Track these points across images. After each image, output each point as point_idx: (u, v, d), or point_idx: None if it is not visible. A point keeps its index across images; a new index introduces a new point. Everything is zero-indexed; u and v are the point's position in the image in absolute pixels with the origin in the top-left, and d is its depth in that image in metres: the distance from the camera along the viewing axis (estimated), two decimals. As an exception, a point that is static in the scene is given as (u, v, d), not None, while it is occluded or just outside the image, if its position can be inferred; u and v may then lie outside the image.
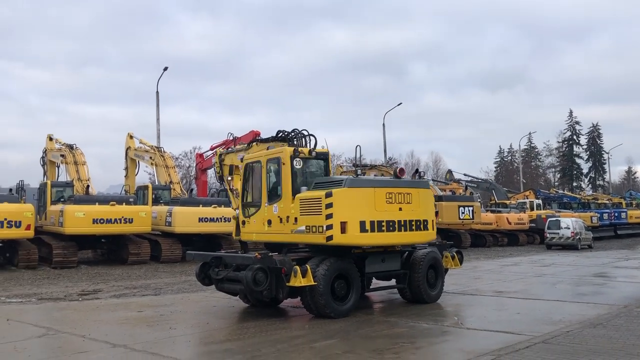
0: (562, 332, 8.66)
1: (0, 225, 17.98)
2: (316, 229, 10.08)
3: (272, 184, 11.18)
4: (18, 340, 8.35)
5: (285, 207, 10.66)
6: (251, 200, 11.68)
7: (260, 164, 11.37)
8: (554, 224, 32.69)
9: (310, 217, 10.21)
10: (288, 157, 10.73)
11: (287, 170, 10.69)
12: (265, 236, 11.36)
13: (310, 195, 10.37)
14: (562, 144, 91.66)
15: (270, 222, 10.93)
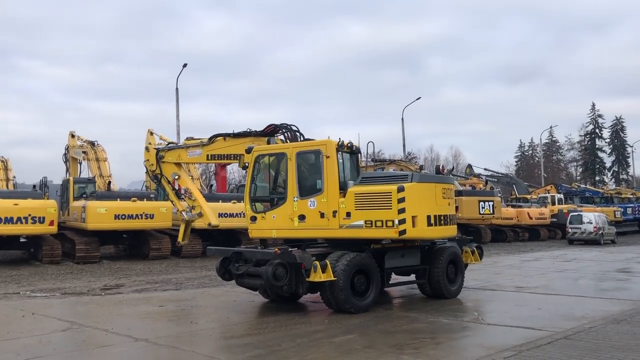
0: (585, 328, 8.57)
1: (24, 221, 18.30)
2: (383, 224, 10.08)
3: (307, 177, 10.88)
4: (43, 333, 8.51)
5: (331, 202, 10.41)
6: (266, 194, 11.25)
7: (286, 156, 10.84)
8: (576, 218, 32.29)
9: (373, 212, 10.17)
10: (334, 149, 10.50)
11: (333, 163, 10.46)
12: (295, 232, 10.81)
13: (375, 189, 10.37)
14: (584, 137, 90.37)
15: (304, 218, 10.55)
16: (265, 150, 11.35)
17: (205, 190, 28.22)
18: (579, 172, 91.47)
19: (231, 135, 12.82)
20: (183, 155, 13.60)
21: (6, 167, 29.40)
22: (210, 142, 12.99)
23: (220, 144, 12.87)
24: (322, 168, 10.52)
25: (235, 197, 23.57)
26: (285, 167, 10.87)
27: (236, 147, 12.70)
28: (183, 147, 13.72)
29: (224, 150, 13.00)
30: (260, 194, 11.32)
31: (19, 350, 7.42)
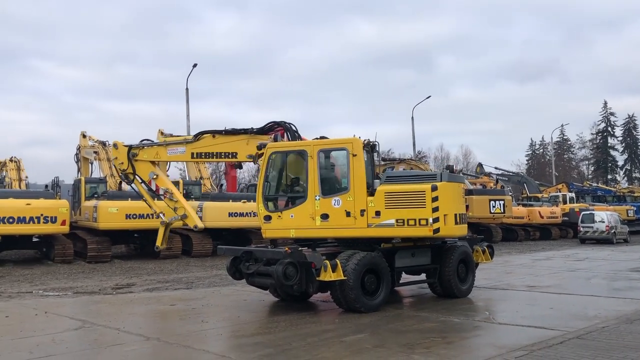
0: (598, 328, 8.50)
1: (37, 220, 18.44)
2: (416, 222, 10.18)
3: (331, 175, 10.84)
4: (56, 332, 8.57)
5: (358, 201, 10.37)
6: (282, 193, 11.04)
7: (306, 153, 10.61)
8: (588, 217, 32.07)
9: (405, 211, 10.23)
10: (361, 148, 10.47)
11: (360, 161, 10.42)
12: (318, 232, 10.59)
13: (407, 188, 10.43)
14: (596, 135, 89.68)
15: (327, 217, 10.40)
16: (281, 147, 10.99)
17: (215, 190, 28.35)
18: (590, 171, 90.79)
19: (222, 133, 12.12)
20: (162, 153, 12.69)
21: (19, 167, 29.66)
22: (196, 140, 12.23)
23: (207, 141, 12.20)
24: (349, 166, 10.45)
25: (245, 197, 23.64)
26: (304, 165, 10.64)
27: (228, 145, 12.09)
28: (162, 144, 12.74)
29: (213, 148, 12.27)
30: (275, 192, 11.05)
31: (32, 349, 7.49)
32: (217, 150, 12.23)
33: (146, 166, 12.87)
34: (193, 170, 29.12)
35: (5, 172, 29.76)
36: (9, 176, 28.87)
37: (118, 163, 12.79)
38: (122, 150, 12.90)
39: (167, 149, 12.45)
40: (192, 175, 29.02)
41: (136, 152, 12.69)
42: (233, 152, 12.06)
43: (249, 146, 11.80)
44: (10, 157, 30.56)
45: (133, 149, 12.67)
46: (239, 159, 12.28)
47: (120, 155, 12.85)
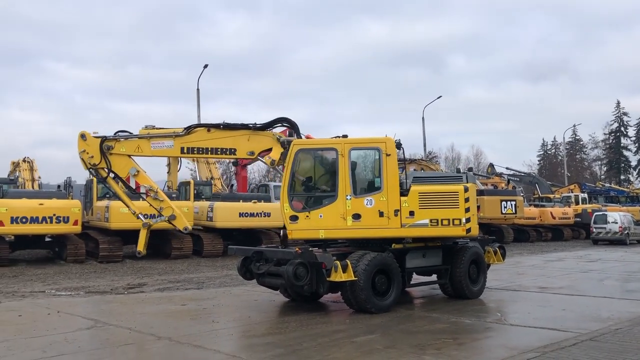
0: (611, 330, 8.42)
1: (49, 220, 18.59)
2: (449, 222, 10.46)
3: (363, 174, 10.80)
4: (68, 331, 8.63)
5: (391, 200, 10.39)
6: (309, 192, 10.73)
7: (336, 152, 10.44)
8: (601, 218, 31.82)
9: (439, 211, 10.46)
10: (394, 147, 10.51)
11: (393, 161, 10.50)
12: (349, 232, 10.44)
13: (441, 189, 10.73)
14: (608, 135, 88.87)
15: (359, 217, 10.31)
16: (309, 144, 10.74)
17: (226, 190, 28.45)
18: (603, 171, 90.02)
19: (220, 127, 11.18)
20: (145, 146, 11.27)
21: (32, 168, 29.97)
22: (187, 133, 11.12)
23: (201, 135, 11.16)
24: (382, 166, 10.47)
25: (256, 197, 23.70)
26: (334, 164, 10.48)
27: (225, 141, 11.19)
28: (145, 136, 11.27)
29: (207, 143, 11.21)
30: (301, 191, 10.72)
31: (45, 348, 7.55)
32: (212, 146, 11.23)
33: (124, 161, 11.32)
34: (204, 170, 29.27)
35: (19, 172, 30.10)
36: (22, 176, 29.20)
37: (87, 157, 11.13)
38: (92, 142, 11.28)
39: (151, 142, 11.13)
40: (203, 175, 29.18)
41: (111, 144, 11.19)
42: (231, 149, 11.22)
43: (251, 143, 11.09)
44: (23, 158, 30.91)
45: (107, 141, 11.19)
46: (238, 155, 11.52)
47: (90, 147, 11.22)
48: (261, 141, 11.05)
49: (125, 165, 11.37)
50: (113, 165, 11.20)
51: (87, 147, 11.18)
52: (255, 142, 11.07)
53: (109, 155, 11.14)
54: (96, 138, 11.22)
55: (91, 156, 11.14)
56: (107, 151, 11.11)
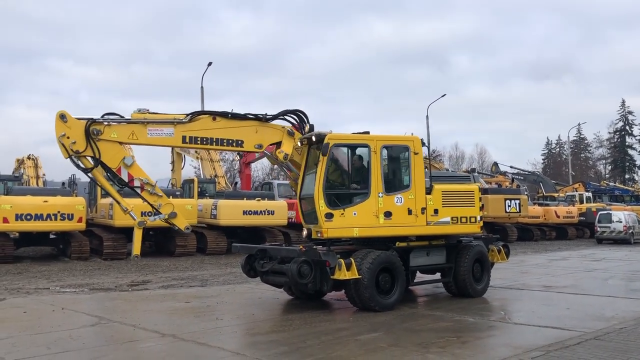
0: (615, 329, 8.40)
1: (54, 217, 18.64)
2: (467, 220, 11.14)
3: (393, 172, 10.80)
4: (73, 328, 8.66)
5: (418, 198, 10.53)
6: (343, 189, 10.46)
7: (369, 148, 10.33)
8: (605, 217, 31.73)
9: (458, 209, 11.05)
10: (420, 146, 10.70)
11: (420, 160, 10.70)
12: (381, 230, 10.31)
13: (460, 188, 11.41)
14: (613, 134, 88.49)
15: (390, 215, 10.30)
16: (343, 139, 10.41)
17: (230, 188, 28.46)
18: (608, 170, 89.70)
19: (228, 116, 10.32)
20: (140, 133, 9.84)
21: (36, 165, 30.05)
22: (190, 121, 10.05)
23: (205, 123, 10.19)
24: (410, 164, 10.61)
25: (260, 195, 23.70)
26: (366, 160, 10.38)
27: (232, 131, 10.36)
28: (141, 121, 9.83)
29: (212, 133, 10.25)
30: (335, 188, 10.41)
31: (49, 344, 7.58)
32: (217, 136, 10.29)
33: (115, 148, 9.78)
34: (208, 168, 29.29)
35: (23, 169, 30.19)
36: (27, 173, 29.30)
37: (69, 142, 9.38)
38: (75, 124, 9.54)
39: (148, 129, 9.78)
40: (207, 173, 29.19)
41: (99, 128, 9.56)
42: (238, 140, 10.39)
43: (259, 135, 10.49)
44: (28, 155, 30.99)
45: (95, 124, 9.56)
46: (245, 148, 10.61)
47: (72, 131, 9.47)
48: (270, 134, 10.59)
49: (116, 154, 9.84)
50: (103, 154, 9.62)
51: (69, 130, 9.45)
52: (263, 135, 10.53)
53: (98, 142, 9.56)
54: (80, 120, 9.60)
55: (73, 142, 9.43)
56: (94, 136, 9.52)
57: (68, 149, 9.45)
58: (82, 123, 9.54)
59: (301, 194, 10.88)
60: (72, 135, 9.46)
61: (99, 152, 9.58)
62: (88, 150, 9.54)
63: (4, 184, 25.43)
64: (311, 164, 10.73)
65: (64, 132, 9.43)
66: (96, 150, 9.56)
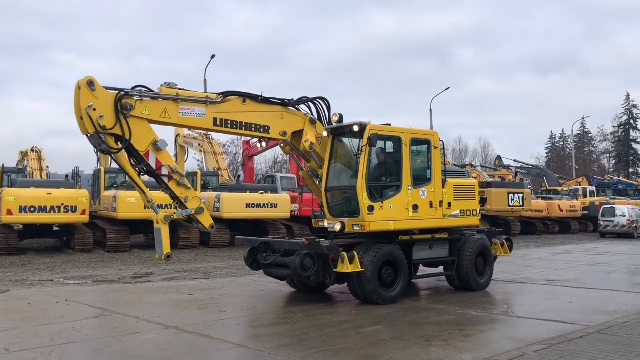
0: (618, 323, 8.39)
1: (57, 210, 18.71)
2: (470, 213, 11.58)
3: (419, 166, 10.93)
4: (76, 320, 8.70)
5: (437, 192, 10.79)
6: (382, 182, 10.44)
7: (401, 141, 10.38)
8: (609, 211, 31.66)
9: (464, 202, 11.48)
10: (438, 140, 10.98)
11: (438, 154, 10.93)
12: (410, 223, 10.46)
13: (466, 182, 12.04)
14: (617, 128, 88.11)
15: (417, 208, 10.42)
16: (381, 130, 10.23)
17: (233, 181, 28.48)
18: (612, 164, 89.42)
19: (258, 99, 9.85)
20: (172, 111, 8.90)
21: (40, 157, 30.10)
22: (222, 101, 9.42)
23: (236, 105, 9.59)
24: (431, 158, 10.84)
25: (263, 188, 23.72)
26: (398, 153, 10.42)
27: (260, 116, 9.89)
28: (174, 97, 8.86)
29: (242, 117, 9.69)
30: (375, 180, 10.34)
31: (53, 335, 7.61)
32: (246, 120, 9.73)
33: (144, 128, 8.66)
34: (211, 161, 29.29)
35: (27, 161, 30.25)
36: (31, 166, 29.35)
37: (96, 115, 8.10)
38: (104, 95, 8.32)
39: (180, 107, 8.91)
40: (210, 166, 29.19)
41: (131, 103, 8.45)
42: (265, 126, 9.94)
43: (284, 121, 10.22)
44: (31, 147, 31.03)
45: (127, 97, 8.43)
46: (272, 134, 10.13)
47: (100, 103, 8.20)
48: (294, 121, 10.41)
49: (146, 135, 8.67)
50: (134, 134, 8.46)
51: (96, 101, 8.16)
52: (288, 121, 10.31)
53: (129, 119, 8.42)
54: (109, 91, 8.43)
55: (101, 115, 8.15)
56: (124, 111, 8.36)
57: (95, 123, 8.15)
58: (111, 95, 8.41)
59: (327, 186, 10.71)
60: (99, 107, 8.19)
61: (130, 131, 8.40)
62: (117, 127, 8.34)
63: (8, 177, 25.52)
64: (339, 155, 10.78)
65: (91, 102, 8.15)
66: (127, 128, 8.38)
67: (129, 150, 8.70)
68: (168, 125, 9.34)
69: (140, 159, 8.82)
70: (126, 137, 8.42)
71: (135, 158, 8.83)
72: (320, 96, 10.76)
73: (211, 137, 29.69)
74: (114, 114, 8.31)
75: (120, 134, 8.43)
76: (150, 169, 8.97)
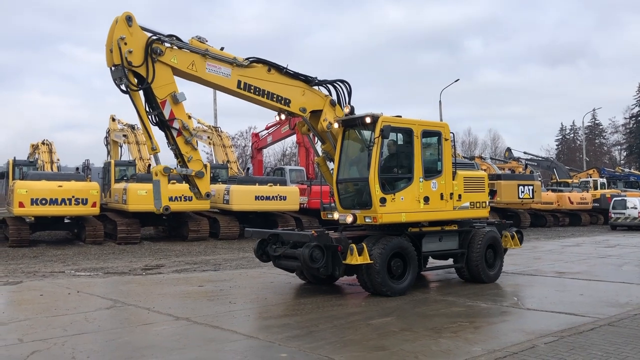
0: (630, 315, 8.35)
1: (68, 202, 18.85)
2: (480, 205, 11.60)
3: (430, 158, 10.95)
4: (88, 311, 8.78)
5: (447, 184, 10.83)
6: (394, 173, 10.44)
7: (412, 133, 10.37)
8: (620, 203, 31.44)
9: (474, 194, 11.50)
10: (449, 132, 11.02)
11: (448, 146, 10.96)
12: (422, 215, 10.49)
13: (476, 174, 12.05)
14: (629, 120, 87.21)
15: (428, 199, 10.47)
16: (393, 122, 10.20)
17: (242, 173, 28.55)
18: (623, 156, 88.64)
19: (282, 71, 10.01)
20: (200, 65, 9.12)
21: (50, 150, 30.27)
22: (248, 66, 9.62)
23: (260, 72, 9.79)
24: (442, 150, 10.85)
25: (272, 180, 23.76)
26: (409, 145, 10.42)
27: (282, 88, 10.05)
28: (203, 52, 9.12)
29: (265, 85, 9.85)
30: (387, 172, 10.34)
31: (66, 326, 7.69)
32: (269, 89, 9.88)
33: (168, 77, 8.84)
34: (220, 153, 29.37)
35: (38, 154, 30.43)
36: (41, 159, 29.52)
37: (125, 49, 8.34)
38: (138, 33, 8.59)
39: (207, 63, 9.12)
40: (219, 158, 29.27)
41: (162, 49, 8.68)
42: (287, 99, 10.07)
43: (305, 98, 10.32)
44: (42, 140, 31.21)
45: (157, 42, 8.64)
46: (292, 108, 10.21)
47: (133, 39, 8.46)
48: (314, 99, 10.49)
49: (168, 84, 8.83)
50: (157, 78, 8.62)
51: (129, 36, 8.41)
52: (309, 99, 10.40)
53: (156, 63, 8.61)
54: (144, 31, 8.66)
55: (130, 50, 8.37)
56: (153, 55, 8.55)
57: (123, 56, 8.36)
58: (145, 35, 8.64)
59: (338, 178, 10.71)
60: (130, 42, 8.43)
61: (154, 75, 8.58)
62: (142, 68, 8.53)
63: (20, 169, 25.70)
64: (350, 147, 10.80)
65: (124, 35, 8.39)
66: (152, 71, 8.57)
67: (147, 95, 8.84)
68: (194, 79, 9.34)
69: (155, 106, 8.91)
70: (148, 80, 8.60)
71: (150, 104, 8.95)
72: (342, 79, 10.80)
73: (220, 129, 29.78)
74: (142, 54, 8.52)
75: (144, 75, 8.60)
76: (162, 118, 8.98)
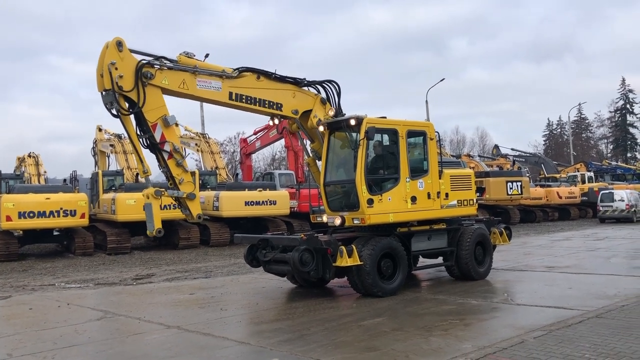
0: (617, 307, 8.44)
1: (56, 214, 18.70)
2: (467, 202, 11.64)
3: (416, 157, 10.99)
4: (78, 323, 8.73)
5: (434, 183, 10.88)
6: (380, 174, 10.47)
7: (397, 133, 10.47)
8: (607, 196, 31.70)
9: (461, 192, 11.55)
10: (434, 131, 11.09)
11: (434, 145, 11.01)
12: (409, 215, 10.54)
13: (462, 172, 12.03)
14: (614, 113, 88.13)
15: (415, 199, 10.52)
16: (378, 123, 10.29)
17: (231, 179, 28.49)
18: (609, 149, 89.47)
19: (271, 77, 10.16)
20: (191, 83, 9.20)
21: (37, 162, 30.08)
22: (238, 76, 9.79)
23: (250, 81, 9.93)
24: (427, 149, 10.90)
25: (261, 186, 23.72)
26: (395, 145, 10.51)
27: (273, 93, 10.22)
28: (193, 69, 9.21)
29: (255, 92, 10.01)
30: (374, 173, 10.34)
31: (56, 339, 7.64)
32: (260, 96, 10.03)
33: (158, 100, 8.93)
34: (208, 160, 29.28)
35: (24, 167, 30.22)
36: (28, 171, 29.33)
37: (116, 74, 8.42)
38: (129, 58, 8.71)
39: (197, 80, 9.23)
40: (208, 165, 29.18)
41: (152, 71, 8.75)
42: (278, 103, 10.25)
43: (296, 100, 10.49)
44: (28, 153, 31.01)
45: (148, 66, 8.76)
46: (284, 112, 10.43)
47: (124, 64, 8.58)
48: (305, 100, 10.70)
49: (158, 107, 8.90)
50: (147, 102, 8.71)
51: (120, 61, 8.54)
52: (300, 100, 10.60)
53: (147, 87, 8.70)
54: (134, 53, 8.82)
55: (121, 75, 8.47)
56: (144, 79, 8.64)
57: (113, 81, 8.47)
58: (135, 59, 8.81)
59: (326, 181, 10.73)
60: (121, 67, 8.57)
61: (145, 99, 8.69)
62: (134, 92, 8.63)
63: (6, 183, 25.49)
64: (336, 149, 10.82)
65: (114, 60, 8.54)
66: (142, 95, 8.67)
67: (138, 118, 8.93)
68: (186, 97, 9.43)
69: (146, 129, 9.00)
70: (139, 104, 8.69)
71: (141, 127, 9.05)
72: (331, 79, 10.94)
73: (208, 136, 29.73)
74: (133, 78, 8.63)
75: (135, 100, 8.70)
76: (153, 142, 9.07)
